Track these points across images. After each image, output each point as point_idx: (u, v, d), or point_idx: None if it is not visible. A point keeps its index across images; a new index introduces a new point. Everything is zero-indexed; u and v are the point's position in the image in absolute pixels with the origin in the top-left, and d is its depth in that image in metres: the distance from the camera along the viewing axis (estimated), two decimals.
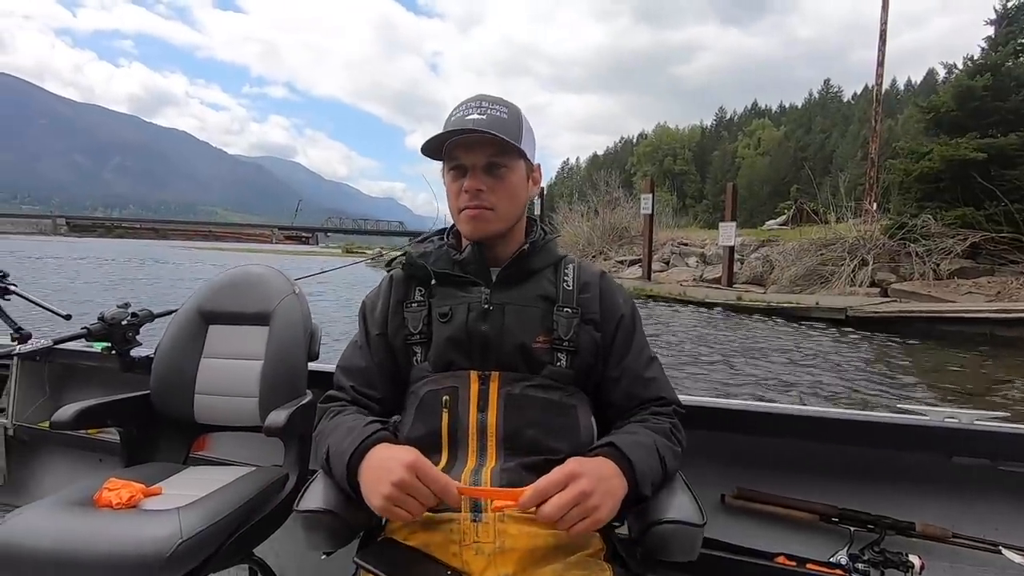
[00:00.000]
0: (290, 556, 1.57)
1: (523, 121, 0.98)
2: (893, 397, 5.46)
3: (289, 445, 1.43)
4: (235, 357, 1.54)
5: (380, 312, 1.04)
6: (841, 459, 1.28)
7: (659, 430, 0.93)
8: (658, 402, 0.99)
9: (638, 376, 0.99)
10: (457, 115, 0.95)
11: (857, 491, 1.26)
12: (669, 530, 0.82)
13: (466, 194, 0.96)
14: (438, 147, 0.97)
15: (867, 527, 1.20)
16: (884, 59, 18.45)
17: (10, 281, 1.81)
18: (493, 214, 0.97)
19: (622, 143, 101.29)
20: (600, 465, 0.82)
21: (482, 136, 0.92)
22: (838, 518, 1.23)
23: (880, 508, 1.22)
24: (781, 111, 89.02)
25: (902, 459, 1.24)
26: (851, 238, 13.36)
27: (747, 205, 49.75)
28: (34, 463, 2.19)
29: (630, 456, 0.84)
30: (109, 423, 1.53)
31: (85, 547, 1.05)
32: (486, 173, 0.95)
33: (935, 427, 1.17)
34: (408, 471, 0.78)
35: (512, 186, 0.97)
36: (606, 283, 1.04)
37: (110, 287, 14.50)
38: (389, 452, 0.84)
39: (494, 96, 0.98)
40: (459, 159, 0.96)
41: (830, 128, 68.29)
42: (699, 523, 0.83)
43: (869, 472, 1.27)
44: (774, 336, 8.83)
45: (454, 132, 0.93)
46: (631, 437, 0.90)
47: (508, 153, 0.95)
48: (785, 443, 1.29)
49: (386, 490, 0.78)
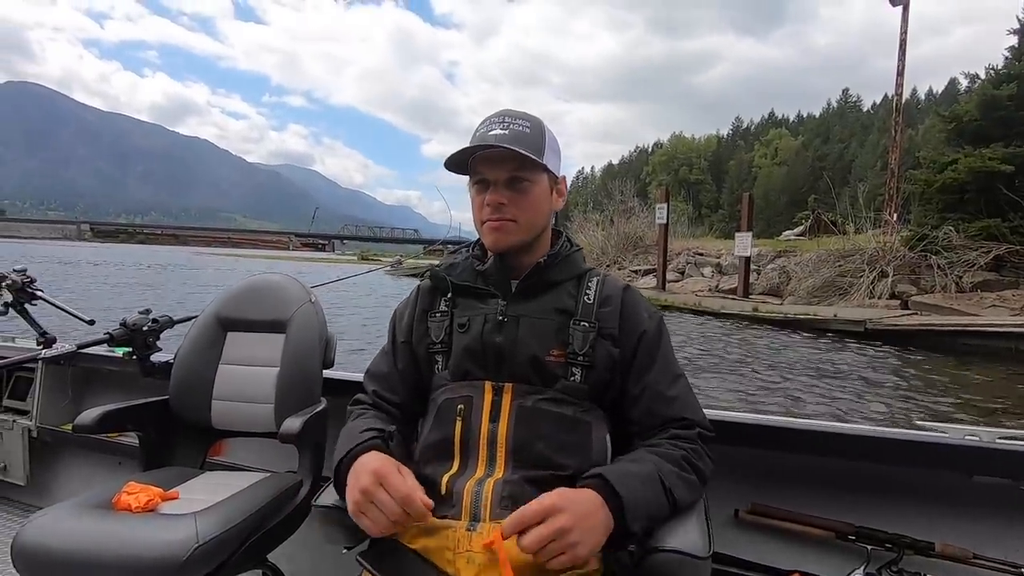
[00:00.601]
0: (303, 561, 1.58)
1: (546, 135, 0.99)
2: (912, 413, 5.35)
3: (303, 452, 1.45)
4: (252, 364, 1.56)
5: (407, 320, 1.07)
6: (858, 476, 1.25)
7: (670, 458, 0.89)
8: (679, 423, 0.95)
9: (660, 394, 0.96)
10: (481, 130, 0.97)
11: (875, 509, 1.23)
12: (670, 560, 0.79)
13: (488, 207, 0.97)
14: (463, 162, 0.99)
15: (885, 546, 1.18)
16: (904, 68, 18.25)
17: (36, 287, 1.85)
18: (515, 226, 0.98)
19: (637, 152, 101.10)
20: (584, 499, 0.79)
21: (504, 151, 0.93)
22: (855, 536, 1.20)
23: (898, 527, 1.19)
24: (799, 120, 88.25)
25: (921, 477, 1.21)
26: (870, 249, 13.18)
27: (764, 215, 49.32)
28: (56, 465, 2.23)
29: (619, 489, 0.80)
30: (129, 427, 1.56)
31: (103, 550, 1.07)
32: (508, 187, 0.97)
33: (955, 445, 1.14)
34: (372, 479, 0.80)
35: (534, 199, 0.98)
36: (629, 297, 1.01)
37: (161, 295, 14.58)
38: (365, 460, 0.86)
39: (518, 111, 0.99)
40: (482, 174, 0.98)
41: (849, 138, 67.51)
42: (703, 556, 0.78)
43: (887, 490, 1.24)
44: (790, 348, 8.70)
45: (476, 148, 0.95)
46: (628, 467, 0.86)
47: (530, 167, 0.96)
48: (801, 458, 1.27)
49: (354, 496, 0.81)
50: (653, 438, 0.95)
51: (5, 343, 2.31)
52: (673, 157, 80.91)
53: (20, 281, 1.82)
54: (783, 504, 1.27)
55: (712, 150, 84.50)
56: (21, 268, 1.87)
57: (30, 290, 1.83)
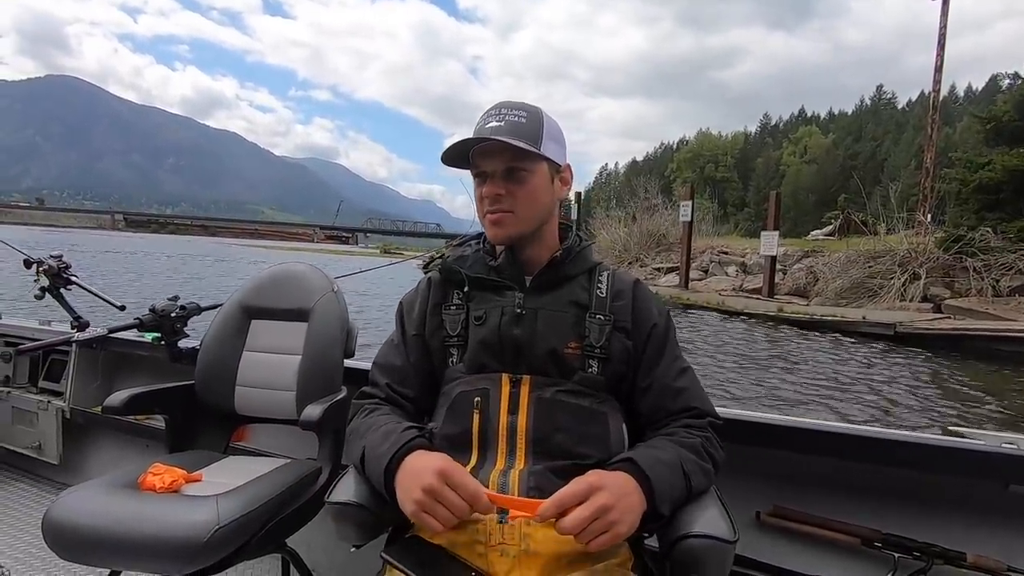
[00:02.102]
0: (321, 548, 1.60)
1: (544, 123, 0.98)
2: (944, 419, 5.19)
3: (323, 439, 1.47)
4: (275, 351, 1.59)
5: (418, 313, 1.06)
6: (886, 481, 1.22)
7: (688, 446, 0.90)
8: (691, 413, 0.97)
9: (668, 386, 0.98)
10: (479, 124, 0.98)
11: (903, 516, 1.20)
12: (698, 545, 0.79)
13: (487, 200, 0.98)
14: (464, 156, 0.99)
15: (913, 555, 1.14)
16: (943, 64, 17.65)
17: (71, 272, 1.91)
18: (513, 217, 0.98)
19: (662, 149, 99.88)
20: (621, 480, 0.81)
21: (498, 143, 0.93)
22: (881, 543, 1.16)
23: (928, 535, 1.15)
24: (830, 118, 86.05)
25: (954, 485, 1.17)
26: (902, 250, 12.81)
27: (791, 214, 48.34)
28: (87, 445, 2.30)
29: (649, 473, 0.82)
30: (156, 410, 1.60)
31: (128, 528, 1.10)
32: (506, 178, 0.97)
33: (990, 452, 1.10)
34: (438, 478, 0.78)
35: (533, 189, 0.98)
36: (640, 291, 1.03)
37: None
38: (423, 460, 0.84)
39: (515, 102, 0.99)
40: (480, 166, 0.98)
41: (882, 136, 65.60)
42: (730, 539, 0.79)
43: (917, 497, 1.20)
44: (816, 350, 8.52)
45: (469, 141, 0.96)
46: (653, 453, 0.87)
47: (527, 158, 0.96)
48: (826, 461, 1.24)
49: (417, 496, 0.79)
50: (666, 427, 0.96)
51: (41, 326, 2.39)
52: (699, 154, 79.67)
53: (56, 267, 1.88)
54: (806, 508, 1.25)
55: (739, 147, 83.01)
56: (57, 254, 1.93)
57: (65, 275, 1.89)
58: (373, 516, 0.88)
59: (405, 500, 0.81)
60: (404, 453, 0.86)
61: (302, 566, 1.39)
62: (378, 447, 0.89)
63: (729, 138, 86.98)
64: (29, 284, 1.89)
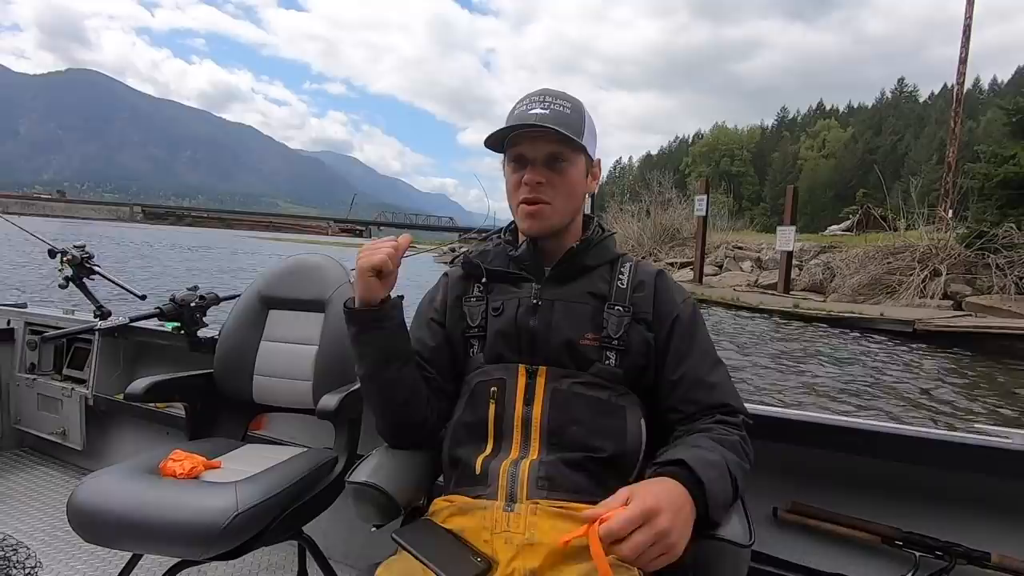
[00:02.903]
0: (337, 536, 1.61)
1: (586, 117, 0.98)
2: (967, 418, 5.10)
3: (339, 428, 1.48)
4: (292, 341, 1.60)
5: (439, 304, 1.06)
6: (907, 479, 1.20)
7: (728, 444, 0.86)
8: (725, 410, 0.93)
9: (700, 380, 0.94)
10: (520, 108, 0.96)
11: (925, 515, 1.17)
12: (712, 547, 0.77)
13: (525, 187, 0.96)
14: (500, 139, 0.98)
15: (935, 554, 1.12)
16: (968, 56, 17.23)
17: (94, 262, 1.94)
18: (551, 209, 0.97)
19: (677, 143, 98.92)
20: (676, 494, 0.74)
21: (545, 131, 0.92)
22: (902, 542, 1.14)
23: (950, 535, 1.13)
24: (849, 111, 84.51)
25: (979, 483, 1.14)
26: (922, 246, 12.57)
27: (808, 209, 47.67)
28: (110, 431, 2.35)
29: (703, 478, 0.76)
30: (176, 398, 1.62)
31: (149, 512, 1.12)
32: (546, 167, 0.96)
33: (1019, 451, 1.08)
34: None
35: (571, 181, 0.97)
36: (662, 282, 1.01)
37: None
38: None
39: (557, 91, 0.98)
40: (520, 152, 0.97)
41: (903, 130, 64.30)
42: (745, 543, 0.77)
43: (940, 495, 1.18)
44: (833, 347, 8.42)
45: (518, 126, 0.94)
46: (702, 454, 0.81)
47: (570, 148, 0.95)
48: (846, 458, 1.22)
49: (359, 262, 0.90)
50: (699, 423, 0.92)
51: (65, 315, 2.44)
52: (714, 148, 78.75)
53: (79, 256, 1.92)
54: (825, 505, 1.23)
55: (755, 141, 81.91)
56: (80, 244, 1.96)
57: (88, 265, 1.93)
58: (390, 498, 0.90)
59: (357, 268, 0.91)
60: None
61: (318, 553, 1.41)
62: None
63: (745, 132, 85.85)
64: (54, 274, 1.93)
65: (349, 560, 1.67)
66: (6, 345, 2.47)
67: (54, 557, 1.70)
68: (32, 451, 2.47)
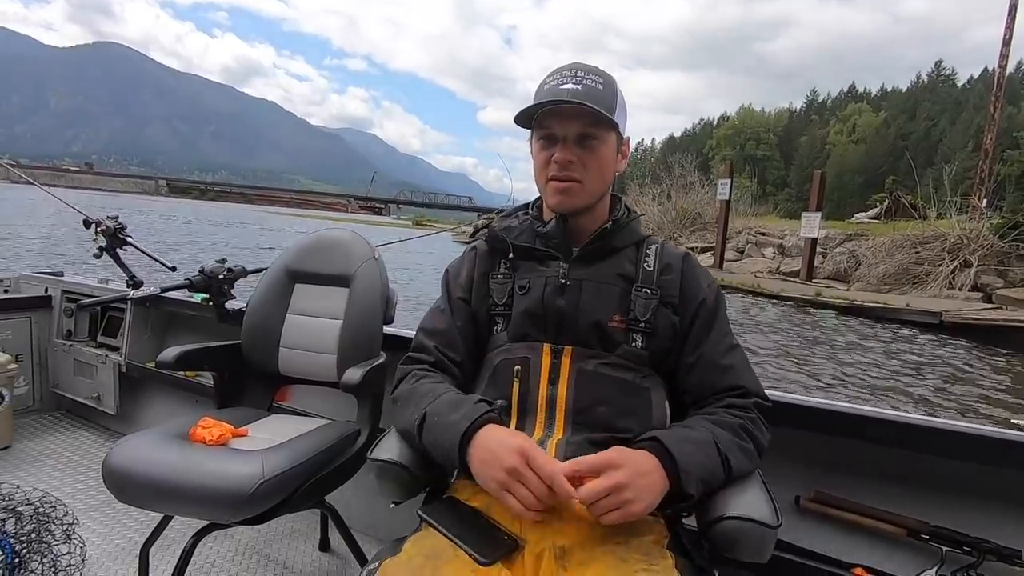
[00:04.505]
0: (359, 506, 1.65)
1: (618, 93, 0.95)
2: (991, 412, 5.00)
3: (362, 402, 1.50)
4: (317, 315, 1.62)
5: (465, 279, 1.05)
6: (937, 472, 1.17)
7: (727, 425, 0.87)
8: (736, 392, 0.93)
9: (715, 363, 0.94)
10: (551, 83, 0.93)
11: (953, 509, 1.15)
12: (738, 527, 0.77)
13: (555, 164, 0.94)
14: (529, 115, 0.96)
15: (963, 549, 1.10)
16: (1012, 37, 16.46)
17: (127, 233, 1.98)
18: (581, 187, 0.95)
19: (701, 125, 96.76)
20: (641, 459, 0.79)
21: (577, 107, 0.90)
22: (929, 535, 1.13)
23: (979, 531, 1.11)
24: (882, 95, 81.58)
25: (1013, 480, 1.12)
26: (953, 236, 12.22)
27: (835, 196, 46.46)
28: (141, 397, 2.42)
29: (673, 452, 0.79)
30: (205, 367, 1.65)
31: (179, 476, 1.15)
32: (577, 145, 0.93)
33: None
34: (520, 458, 0.77)
35: (602, 159, 0.95)
36: (689, 265, 1.00)
37: None
38: (499, 435, 0.82)
39: (589, 65, 0.95)
40: (551, 128, 0.94)
41: (938, 115, 62.00)
42: (772, 524, 0.77)
43: (970, 490, 1.16)
44: (857, 337, 8.28)
45: (551, 102, 0.91)
46: (683, 432, 0.85)
47: (601, 125, 0.93)
48: (871, 449, 1.20)
49: (499, 476, 0.78)
50: (708, 406, 0.93)
51: (100, 284, 2.51)
52: (740, 131, 76.93)
53: (113, 227, 1.95)
54: (849, 495, 1.22)
55: (783, 125, 79.79)
56: (113, 215, 2.00)
57: (121, 236, 1.96)
58: (412, 475, 0.90)
59: (485, 477, 0.80)
60: (479, 425, 0.83)
61: (340, 522, 1.44)
62: (447, 415, 0.86)
63: (773, 115, 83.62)
64: (88, 244, 1.97)
65: (370, 531, 1.71)
66: (44, 311, 2.55)
67: (90, 515, 1.77)
68: (69, 414, 2.57)
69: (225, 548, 1.66)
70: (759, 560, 0.78)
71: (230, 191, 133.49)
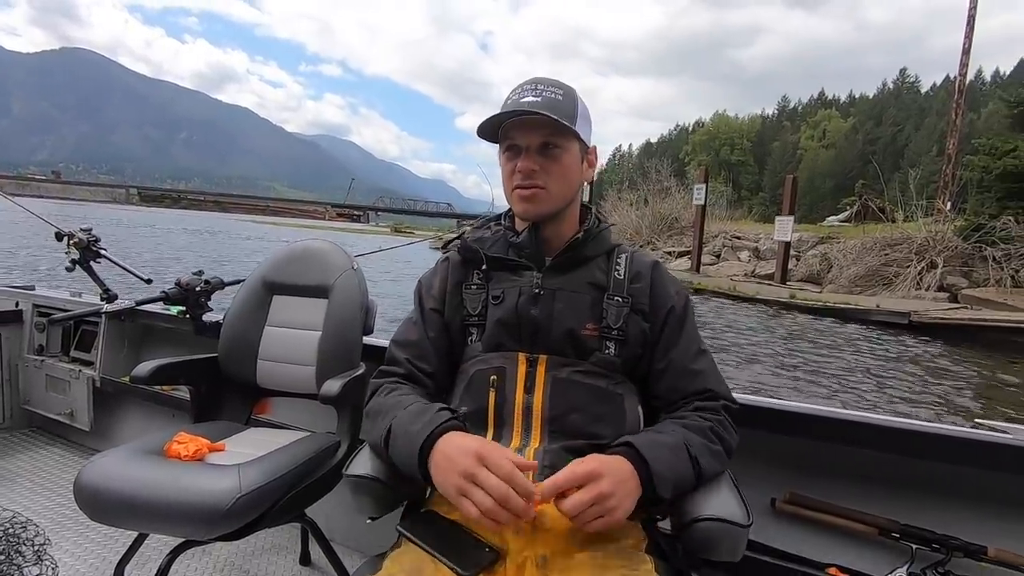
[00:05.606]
0: (339, 519, 1.64)
1: (579, 103, 0.98)
2: (958, 411, 5.16)
3: (342, 413, 1.49)
4: (296, 327, 1.60)
5: (438, 290, 1.05)
6: (906, 472, 1.21)
7: (695, 428, 0.89)
8: (704, 396, 0.95)
9: (685, 368, 0.97)
10: (513, 97, 0.96)
11: (922, 508, 1.19)
12: (711, 527, 0.79)
13: (519, 174, 0.96)
14: (494, 129, 0.98)
15: (932, 546, 1.14)
16: (971, 46, 17.11)
17: (100, 245, 1.94)
18: (546, 193, 0.97)
19: (677, 131, 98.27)
20: (615, 464, 0.79)
21: (536, 117, 0.92)
22: (899, 534, 1.16)
23: (948, 528, 1.14)
24: (850, 101, 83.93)
25: (977, 478, 1.15)
26: (920, 238, 12.62)
27: (807, 200, 47.59)
28: (116, 413, 2.37)
29: (647, 456, 0.80)
30: (181, 381, 1.63)
31: (154, 492, 1.13)
32: (540, 154, 0.96)
33: (1018, 447, 1.09)
34: (475, 460, 0.76)
35: (565, 167, 0.97)
36: (658, 273, 1.02)
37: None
38: (457, 441, 0.81)
39: (550, 79, 0.98)
40: (514, 139, 0.97)
41: (904, 121, 64.01)
42: (743, 523, 0.79)
43: (937, 489, 1.19)
44: (829, 338, 8.47)
45: (509, 114, 0.94)
46: (655, 436, 0.86)
47: (562, 134, 0.95)
48: (844, 450, 1.23)
49: (455, 481, 0.76)
50: (678, 411, 0.95)
51: (73, 297, 2.44)
52: (715, 137, 78.31)
53: (86, 240, 1.91)
54: (823, 496, 1.24)
55: (756, 130, 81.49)
56: (87, 227, 1.96)
57: (95, 248, 1.92)
58: (389, 490, 0.89)
59: (444, 485, 0.78)
60: (439, 434, 0.83)
61: (320, 535, 1.43)
62: (409, 425, 0.86)
63: (746, 121, 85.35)
64: (60, 257, 1.93)
65: (351, 543, 1.69)
66: (15, 326, 2.48)
67: (62, 535, 1.72)
68: (40, 431, 2.49)
69: (202, 565, 1.63)
70: (732, 559, 0.79)
71: (204, 199, 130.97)
